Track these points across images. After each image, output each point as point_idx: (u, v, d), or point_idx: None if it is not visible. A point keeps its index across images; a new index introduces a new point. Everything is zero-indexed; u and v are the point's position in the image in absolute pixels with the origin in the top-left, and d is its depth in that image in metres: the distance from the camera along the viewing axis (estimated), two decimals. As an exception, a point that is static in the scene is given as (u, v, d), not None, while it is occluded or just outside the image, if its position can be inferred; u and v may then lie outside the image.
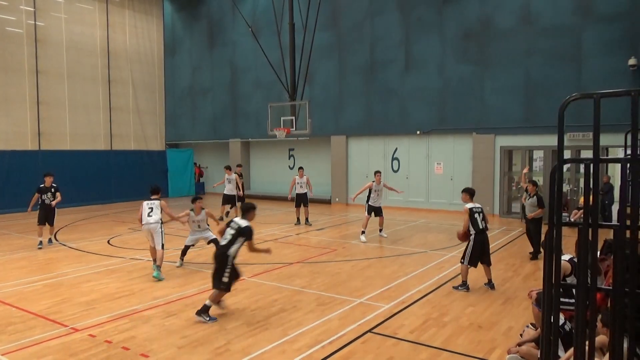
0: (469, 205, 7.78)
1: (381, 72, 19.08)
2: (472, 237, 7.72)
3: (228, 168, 16.13)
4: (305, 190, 14.80)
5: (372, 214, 12.33)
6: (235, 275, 6.54)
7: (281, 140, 21.53)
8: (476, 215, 7.62)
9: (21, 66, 18.24)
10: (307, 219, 14.87)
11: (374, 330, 6.01)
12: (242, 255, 10.37)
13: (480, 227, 7.72)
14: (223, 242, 6.59)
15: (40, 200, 11.47)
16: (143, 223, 8.65)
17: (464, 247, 7.90)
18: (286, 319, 6.44)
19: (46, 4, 19.01)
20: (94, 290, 7.82)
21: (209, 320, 6.27)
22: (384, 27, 18.99)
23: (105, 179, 20.72)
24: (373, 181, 12.49)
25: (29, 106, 18.50)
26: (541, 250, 10.42)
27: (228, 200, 15.59)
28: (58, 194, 11.67)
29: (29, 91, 18.46)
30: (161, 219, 8.77)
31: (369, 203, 12.33)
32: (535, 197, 10.02)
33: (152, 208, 8.77)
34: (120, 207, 19.51)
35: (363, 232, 12.07)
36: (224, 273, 6.40)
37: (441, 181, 18.09)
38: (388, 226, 14.08)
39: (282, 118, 17.47)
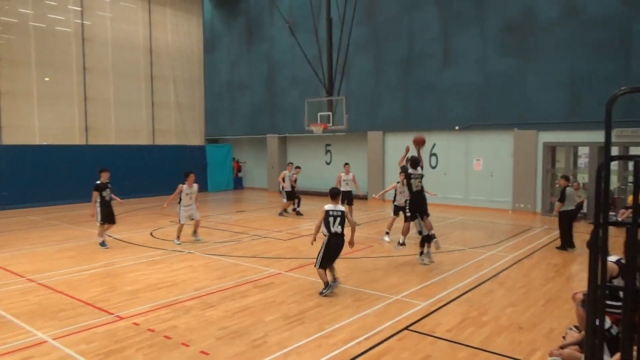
0: (328, 206, 7.33)
1: (419, 66, 18.83)
2: (324, 240, 7.41)
3: (291, 165, 16.44)
4: (351, 188, 14.02)
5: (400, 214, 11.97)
6: None
7: (318, 136, 21.58)
8: (331, 218, 7.28)
9: (69, 64, 19.03)
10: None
11: (410, 328, 5.97)
12: (278, 249, 10.56)
13: (333, 230, 7.29)
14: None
15: (100, 197, 10.72)
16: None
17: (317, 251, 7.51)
18: (322, 313, 6.48)
19: (93, 3, 19.72)
20: (137, 280, 8.10)
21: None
22: (422, 21, 18.71)
23: (148, 173, 21.35)
24: (398, 182, 11.85)
25: (76, 102, 19.28)
26: (573, 246, 10.55)
27: (291, 196, 15.81)
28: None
29: (76, 88, 19.23)
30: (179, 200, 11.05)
31: (395, 203, 11.91)
32: (560, 191, 10.48)
33: None
34: (162, 201, 20.06)
35: (387, 233, 11.66)
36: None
37: (480, 178, 17.72)
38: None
39: (319, 113, 17.50)
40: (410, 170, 9.23)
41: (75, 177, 18.79)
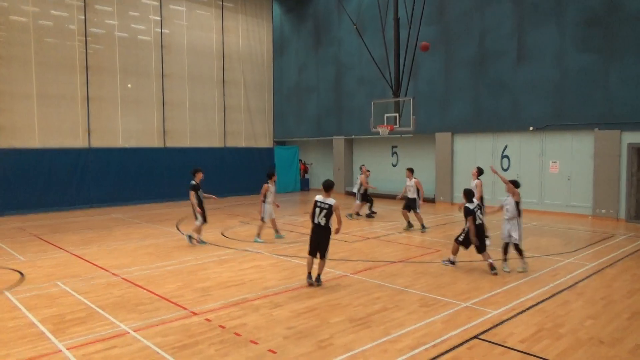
0: (317, 197, 7.77)
1: (491, 64, 18.15)
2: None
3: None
4: (414, 196, 13.34)
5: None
6: None
7: (384, 137, 21.42)
8: (317, 209, 7.70)
9: (149, 70, 20.19)
10: (422, 225, 13.30)
11: (480, 337, 5.77)
12: (344, 251, 10.59)
13: (316, 221, 7.72)
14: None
15: (197, 198, 11.07)
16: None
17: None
18: (388, 317, 6.43)
19: (171, 13, 20.81)
20: (209, 277, 8.45)
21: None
22: (495, 17, 18.02)
23: (218, 174, 22.10)
24: None
25: (155, 107, 20.43)
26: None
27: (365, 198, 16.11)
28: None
29: (155, 93, 20.38)
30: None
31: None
32: None
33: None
34: (232, 201, 20.80)
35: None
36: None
37: (556, 181, 16.78)
38: (496, 228, 13.57)
39: (385, 115, 17.36)
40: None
41: (155, 177, 19.96)
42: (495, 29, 18.02)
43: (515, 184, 9.04)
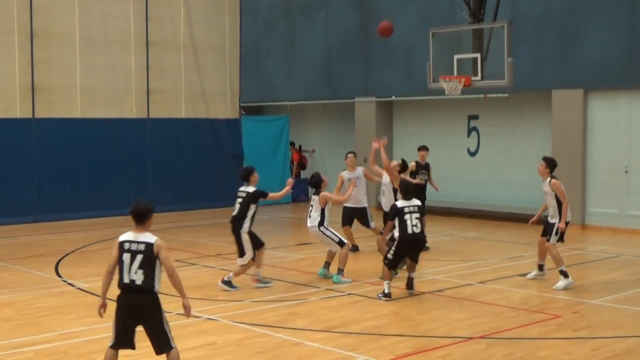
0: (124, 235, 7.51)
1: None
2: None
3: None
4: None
5: None
6: None
7: (454, 100, 21.39)
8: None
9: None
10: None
11: None
12: (371, 316, 10.52)
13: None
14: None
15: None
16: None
17: None
18: None
19: None
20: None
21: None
22: None
23: (139, 169, 22.32)
24: None
25: (17, 42, 20.45)
26: None
27: None
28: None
29: (17, 17, 20.41)
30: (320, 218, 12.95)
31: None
32: None
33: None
34: (165, 220, 20.86)
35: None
36: None
37: None
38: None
39: (455, 56, 17.31)
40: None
41: (16, 175, 19.97)
42: None
43: None
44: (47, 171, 20.46)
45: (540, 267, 13.21)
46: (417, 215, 11.75)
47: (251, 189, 12.62)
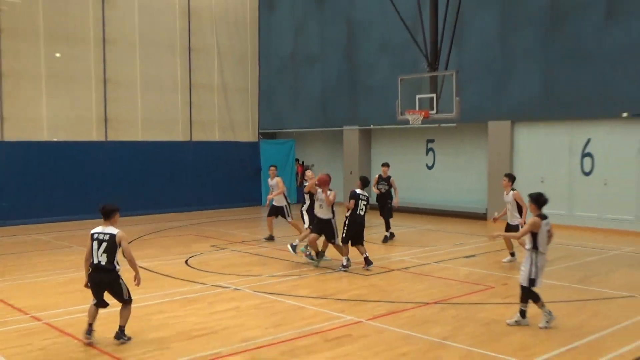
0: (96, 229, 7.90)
1: (568, 24, 18.21)
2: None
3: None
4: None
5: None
6: None
7: (416, 128, 21.46)
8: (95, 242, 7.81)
9: (86, 35, 20.28)
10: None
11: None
12: (357, 288, 10.63)
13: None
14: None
15: None
16: None
17: None
18: (418, 381, 6.46)
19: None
20: (167, 324, 8.47)
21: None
22: (573, -41, 18.11)
23: (183, 179, 22.46)
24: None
25: (94, 85, 20.51)
26: None
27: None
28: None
29: (94, 66, 20.48)
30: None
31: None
32: None
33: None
34: (200, 217, 20.87)
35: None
36: None
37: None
38: (572, 255, 13.53)
39: (417, 96, 17.40)
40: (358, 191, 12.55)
41: (92, 183, 19.98)
42: (572, -26, 18.12)
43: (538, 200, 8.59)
44: (116, 178, 20.42)
45: (512, 254, 13.03)
46: (366, 202, 12.36)
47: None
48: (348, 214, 12.27)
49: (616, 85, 17.28)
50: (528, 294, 8.31)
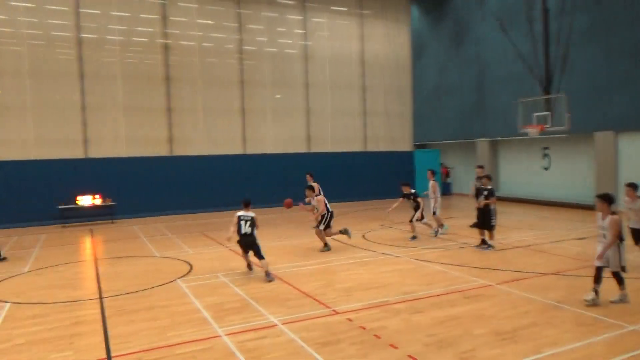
0: (239, 213, 8.95)
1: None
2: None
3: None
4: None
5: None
6: None
7: (534, 138, 19.79)
8: (242, 222, 8.87)
9: (295, 81, 21.53)
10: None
11: (652, 365, 5.03)
12: (489, 259, 10.01)
13: (242, 232, 8.88)
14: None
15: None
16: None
17: None
18: (538, 334, 5.93)
19: (313, 26, 21.93)
20: (350, 278, 8.67)
21: None
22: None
23: (360, 178, 22.73)
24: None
25: (301, 115, 21.69)
26: None
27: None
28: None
29: (301, 102, 21.66)
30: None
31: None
32: None
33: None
34: (373, 205, 21.05)
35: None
36: None
37: None
38: None
39: (534, 114, 16.05)
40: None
41: (300, 181, 20.91)
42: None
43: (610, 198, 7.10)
44: (183, 184, 19.44)
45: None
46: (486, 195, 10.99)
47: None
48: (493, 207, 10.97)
49: None
50: (620, 278, 7.12)
